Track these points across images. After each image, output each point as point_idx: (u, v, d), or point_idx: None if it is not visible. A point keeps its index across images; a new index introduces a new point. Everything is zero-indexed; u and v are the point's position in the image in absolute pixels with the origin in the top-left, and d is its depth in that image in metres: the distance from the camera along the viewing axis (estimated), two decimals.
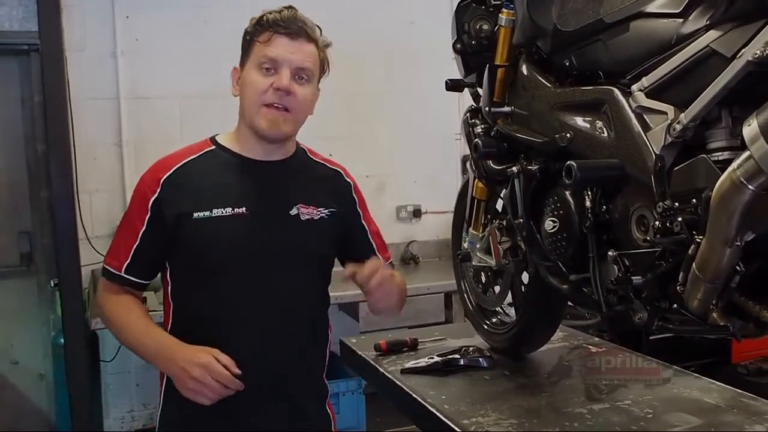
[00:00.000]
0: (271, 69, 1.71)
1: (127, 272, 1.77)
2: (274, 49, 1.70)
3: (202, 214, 1.71)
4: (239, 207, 1.73)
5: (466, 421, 1.84)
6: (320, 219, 1.82)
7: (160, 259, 1.79)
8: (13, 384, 4.29)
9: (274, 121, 1.72)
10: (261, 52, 1.71)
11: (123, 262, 1.76)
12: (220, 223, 1.72)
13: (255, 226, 1.74)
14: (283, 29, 1.71)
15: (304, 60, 1.73)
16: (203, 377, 1.60)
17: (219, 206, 1.72)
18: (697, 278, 1.26)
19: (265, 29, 1.72)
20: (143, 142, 4.29)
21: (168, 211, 1.72)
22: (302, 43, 1.72)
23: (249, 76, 1.73)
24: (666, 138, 1.37)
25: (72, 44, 4.03)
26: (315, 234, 1.81)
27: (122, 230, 1.79)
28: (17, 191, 4.23)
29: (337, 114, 4.61)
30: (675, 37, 1.39)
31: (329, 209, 1.84)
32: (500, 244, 2.10)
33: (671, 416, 1.83)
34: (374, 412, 4.15)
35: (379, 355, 2.41)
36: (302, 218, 1.79)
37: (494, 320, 2.43)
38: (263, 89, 1.71)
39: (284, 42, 1.71)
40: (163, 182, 1.74)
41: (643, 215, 1.45)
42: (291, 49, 1.71)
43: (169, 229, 1.72)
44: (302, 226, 1.79)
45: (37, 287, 4.30)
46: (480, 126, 2.03)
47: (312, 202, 1.82)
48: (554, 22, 1.70)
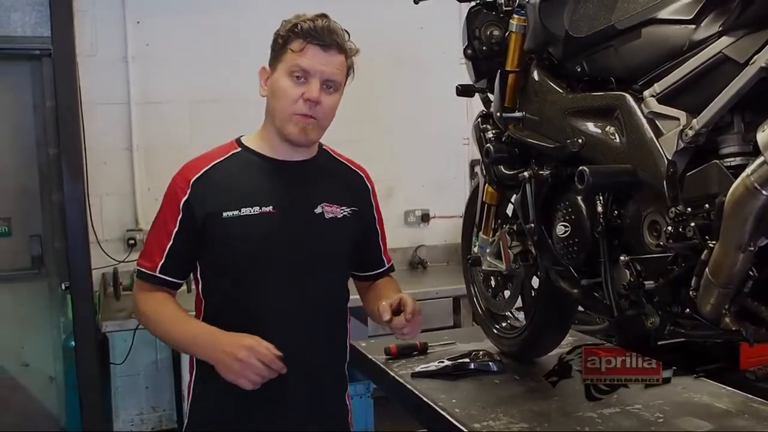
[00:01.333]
0: (302, 78, 1.74)
1: (162, 272, 1.80)
2: (307, 59, 1.74)
3: (231, 214, 1.76)
4: (266, 206, 1.78)
5: (477, 424, 1.85)
6: (343, 217, 1.86)
7: (193, 259, 1.83)
8: (24, 386, 4.30)
9: (303, 129, 1.77)
10: (293, 61, 1.74)
11: (157, 263, 1.80)
12: (249, 221, 1.76)
13: (282, 224, 1.79)
14: (317, 40, 1.74)
15: (334, 72, 1.77)
16: (248, 358, 1.63)
17: (247, 205, 1.77)
18: (710, 283, 1.27)
19: (299, 37, 1.74)
20: (153, 147, 4.31)
21: (198, 212, 1.77)
22: (333, 55, 1.76)
23: (280, 81, 1.76)
24: (678, 143, 1.38)
25: (83, 49, 4.05)
26: (338, 232, 1.86)
27: (155, 232, 1.83)
28: (29, 195, 4.25)
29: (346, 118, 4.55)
30: (687, 44, 1.40)
31: (351, 208, 1.89)
32: (510, 249, 2.11)
33: (682, 421, 1.84)
34: (382, 416, 4.15)
35: (389, 358, 2.42)
36: (326, 216, 1.84)
37: (504, 324, 2.44)
38: (294, 98, 1.75)
39: (317, 53, 1.74)
40: (192, 183, 1.78)
41: (655, 220, 1.46)
42: (323, 61, 1.74)
43: (199, 229, 1.77)
44: (327, 224, 1.84)
45: (48, 290, 4.32)
46: (491, 131, 2.04)
47: (335, 200, 1.86)
48: (566, 28, 1.71)
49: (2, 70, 4.16)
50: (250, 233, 1.76)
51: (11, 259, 4.26)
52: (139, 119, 4.34)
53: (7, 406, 4.26)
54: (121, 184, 4.31)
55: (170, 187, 1.82)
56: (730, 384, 2.10)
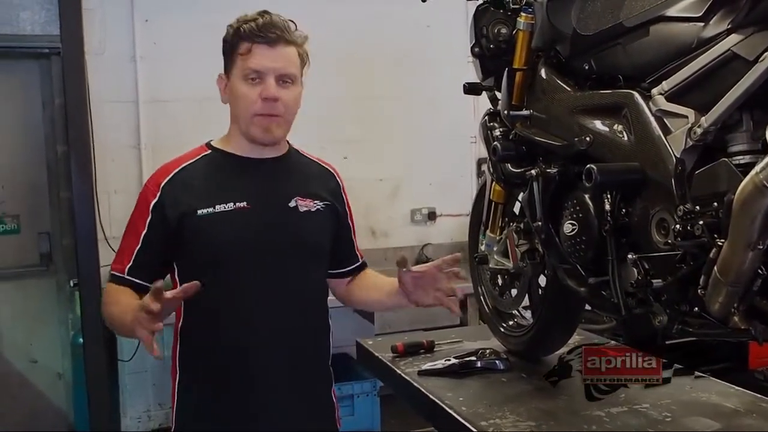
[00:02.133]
0: (257, 78, 1.76)
1: (129, 274, 1.80)
2: (256, 60, 1.75)
3: (205, 211, 1.77)
4: (240, 201, 1.79)
5: (483, 422, 1.85)
6: (317, 211, 1.88)
7: (162, 261, 1.83)
8: (32, 383, 4.32)
9: (267, 128, 1.79)
10: (244, 64, 1.76)
11: (126, 265, 1.80)
12: (224, 217, 1.77)
13: (257, 219, 1.79)
14: (261, 39, 1.74)
15: (286, 66, 1.77)
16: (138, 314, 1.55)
17: (221, 202, 1.78)
18: (719, 281, 1.26)
19: (244, 40, 1.76)
20: (161, 145, 4.31)
21: (171, 213, 1.77)
22: (281, 49, 1.76)
23: (236, 87, 1.78)
24: (686, 141, 1.37)
25: (92, 48, 4.07)
26: (313, 225, 1.87)
27: (126, 234, 1.85)
28: (37, 192, 4.27)
29: (352, 117, 4.63)
30: (696, 41, 1.39)
31: (325, 202, 1.91)
32: (518, 247, 2.11)
33: (690, 420, 1.83)
34: (389, 414, 4.16)
35: (395, 356, 2.42)
36: (301, 210, 1.85)
37: (511, 323, 2.43)
38: (253, 100, 1.76)
39: (264, 51, 1.75)
40: (163, 186, 1.80)
41: (663, 218, 1.45)
42: (272, 58, 1.75)
43: (173, 230, 1.77)
44: (301, 217, 1.85)
45: (57, 287, 4.34)
46: (498, 129, 2.04)
47: (309, 195, 1.88)
48: (573, 26, 1.71)
49: (11, 69, 4.18)
50: (226, 229, 1.77)
51: (20, 256, 4.28)
52: (147, 117, 4.35)
53: (16, 403, 4.28)
54: (129, 181, 4.32)
55: (142, 190, 1.84)
56: (739, 383, 2.09)
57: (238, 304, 1.79)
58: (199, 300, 1.76)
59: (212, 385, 1.80)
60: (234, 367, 1.78)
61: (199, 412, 1.81)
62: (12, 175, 4.23)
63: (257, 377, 1.74)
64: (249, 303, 1.79)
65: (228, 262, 1.78)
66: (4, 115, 4.20)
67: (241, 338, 1.78)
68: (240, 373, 1.78)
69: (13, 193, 4.25)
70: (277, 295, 1.81)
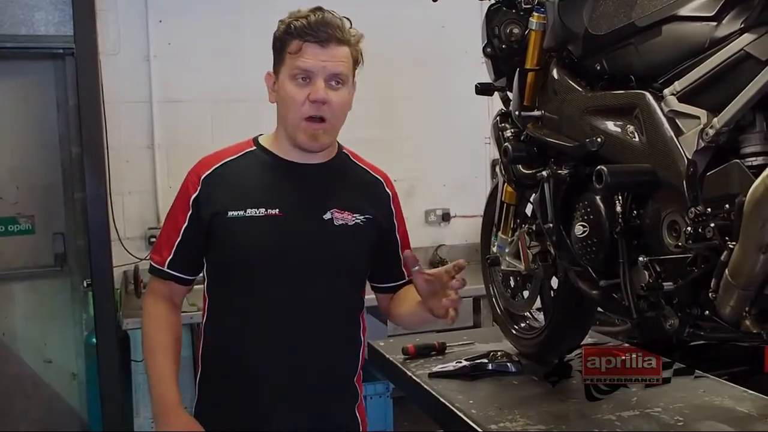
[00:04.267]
0: (306, 79, 1.69)
1: (170, 267, 1.79)
2: (306, 59, 1.68)
3: (236, 213, 1.73)
4: (273, 208, 1.74)
5: (493, 426, 1.84)
6: (355, 225, 1.79)
7: (201, 256, 1.81)
8: (47, 382, 4.34)
9: (313, 135, 1.72)
10: (293, 63, 1.69)
11: (166, 258, 1.79)
12: (253, 223, 1.73)
13: (287, 228, 1.74)
14: (313, 37, 1.67)
15: (337, 66, 1.70)
16: None
17: (253, 206, 1.73)
18: (730, 285, 1.25)
19: (294, 37, 1.69)
20: (175, 145, 4.32)
21: (205, 209, 1.74)
22: (333, 48, 1.69)
23: (285, 87, 1.72)
24: (698, 143, 1.36)
25: (106, 48, 4.08)
26: (348, 239, 1.79)
27: (166, 226, 1.82)
28: (52, 193, 4.29)
29: (367, 118, 4.61)
30: (708, 41, 1.38)
31: (365, 215, 1.81)
32: (529, 249, 2.09)
33: (702, 424, 1.81)
34: (401, 416, 4.14)
35: (407, 358, 2.42)
36: (336, 223, 1.77)
37: (523, 325, 2.42)
38: (301, 101, 1.69)
39: (315, 51, 1.68)
40: (203, 180, 1.76)
41: (674, 221, 1.44)
42: (323, 57, 1.68)
43: (205, 227, 1.75)
44: (335, 231, 1.77)
45: (71, 287, 4.35)
46: (510, 130, 2.03)
47: (348, 207, 1.79)
48: (585, 26, 1.69)
49: (26, 69, 4.21)
50: (253, 235, 1.73)
51: (34, 256, 4.30)
52: (161, 118, 4.36)
53: (31, 402, 4.31)
54: (142, 182, 4.33)
55: (184, 182, 1.80)
56: (753, 388, 2.06)
57: (257, 311, 1.75)
58: (223, 301, 1.80)
59: (227, 390, 1.78)
60: (247, 374, 1.75)
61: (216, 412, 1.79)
62: (27, 176, 4.26)
63: (268, 387, 1.71)
64: (267, 312, 1.74)
65: (251, 269, 1.74)
66: (18, 116, 4.23)
67: (255, 346, 1.73)
68: (251, 381, 1.75)
69: (27, 193, 4.27)
70: (297, 308, 1.75)
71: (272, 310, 1.74)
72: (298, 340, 1.75)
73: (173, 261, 1.79)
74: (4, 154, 4.22)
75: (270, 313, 1.74)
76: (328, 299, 1.78)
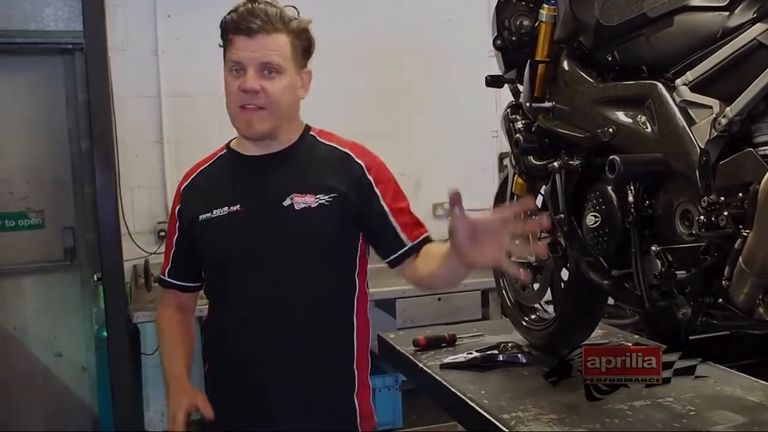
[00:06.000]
0: (240, 70, 1.70)
1: (170, 276, 1.92)
2: (236, 51, 1.69)
3: (205, 216, 1.78)
4: (234, 205, 1.76)
5: (506, 415, 1.84)
6: (319, 205, 1.74)
7: (195, 263, 1.87)
8: (57, 376, 4.38)
9: (248, 122, 1.72)
10: (228, 56, 1.72)
11: (166, 268, 1.92)
12: (219, 222, 1.77)
13: (249, 222, 1.76)
14: (241, 29, 1.69)
15: (266, 54, 1.68)
16: None
17: (217, 206, 1.77)
18: (744, 272, 1.26)
19: (228, 32, 1.72)
20: (184, 140, 4.34)
21: (185, 218, 1.83)
22: (262, 38, 1.68)
23: (225, 80, 1.75)
24: (711, 132, 1.37)
25: (115, 43, 4.09)
26: (314, 222, 1.74)
27: (167, 238, 1.94)
28: (62, 187, 4.32)
29: (373, 112, 4.62)
30: (720, 31, 1.38)
31: (333, 194, 1.76)
32: (540, 240, 2.10)
33: (714, 414, 1.81)
34: (410, 409, 4.16)
35: (417, 350, 2.42)
36: (297, 207, 1.74)
37: (533, 317, 2.42)
38: (234, 92, 1.70)
39: (243, 42, 1.68)
40: (182, 192, 1.86)
41: (687, 210, 1.45)
42: (251, 47, 1.68)
43: (189, 235, 1.83)
44: (296, 216, 1.74)
45: (81, 281, 4.38)
46: (521, 121, 2.03)
47: (309, 189, 1.75)
48: (597, 17, 1.70)
49: (36, 64, 4.23)
50: (220, 234, 1.77)
51: (44, 250, 4.33)
52: (170, 112, 4.38)
53: (41, 395, 4.34)
54: (151, 176, 4.36)
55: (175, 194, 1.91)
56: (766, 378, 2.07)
57: (241, 307, 1.77)
58: (213, 301, 1.87)
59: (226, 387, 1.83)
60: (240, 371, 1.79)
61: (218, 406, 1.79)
62: (36, 170, 4.28)
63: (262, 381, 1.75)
64: (251, 307, 1.76)
65: (227, 267, 1.78)
66: (28, 110, 4.25)
67: (244, 342, 1.77)
68: (245, 376, 1.78)
69: (37, 188, 4.29)
70: (278, 298, 1.75)
71: (253, 304, 1.76)
72: (286, 330, 1.75)
73: (171, 270, 1.91)
74: (14, 149, 4.24)
75: (251, 307, 1.76)
76: (307, 285, 1.76)
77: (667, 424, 1.77)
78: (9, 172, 4.25)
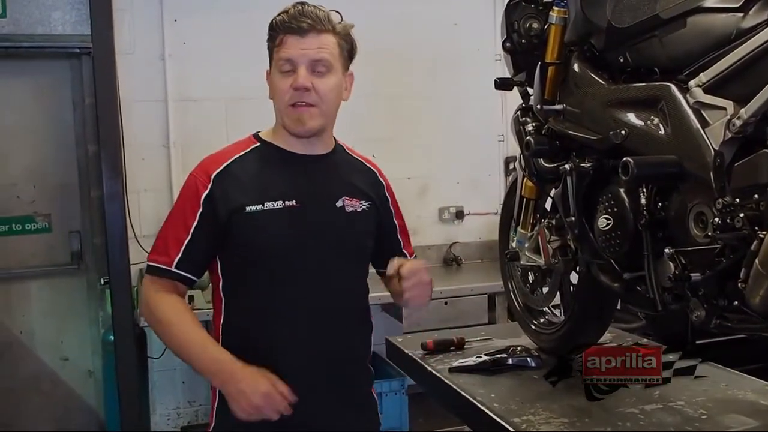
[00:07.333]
0: (290, 70, 1.74)
1: (178, 267, 1.76)
2: (287, 49, 1.73)
3: (254, 208, 1.75)
4: (290, 200, 1.77)
5: (516, 419, 1.84)
6: (362, 211, 1.86)
7: (210, 255, 1.81)
8: (64, 380, 4.37)
9: (299, 119, 1.76)
10: (278, 56, 1.76)
11: (173, 258, 1.76)
12: (272, 215, 1.75)
13: (306, 217, 1.78)
14: (292, 29, 1.73)
15: (318, 52, 1.74)
16: (263, 406, 1.64)
17: (270, 199, 1.76)
18: (760, 274, 1.24)
19: (277, 33, 1.76)
20: (190, 143, 4.33)
21: (221, 207, 1.75)
22: (313, 37, 1.73)
23: (273, 80, 1.78)
24: (725, 133, 1.36)
25: (122, 47, 4.08)
26: (359, 225, 1.86)
27: (171, 226, 1.80)
28: (69, 191, 4.31)
29: (380, 116, 4.62)
30: (734, 32, 1.38)
31: (369, 202, 1.88)
32: (549, 243, 2.09)
33: (726, 417, 1.81)
34: (417, 413, 4.15)
35: (426, 353, 2.42)
36: (347, 210, 1.84)
37: (542, 320, 2.42)
38: (285, 90, 1.75)
39: (294, 40, 1.73)
40: (214, 178, 1.76)
41: (701, 212, 1.44)
42: (302, 46, 1.73)
43: (222, 225, 1.75)
44: (348, 218, 1.83)
45: (87, 285, 4.37)
46: (531, 124, 2.03)
47: (355, 194, 1.86)
48: (608, 18, 1.69)
49: (43, 68, 4.23)
50: (274, 227, 1.75)
51: (51, 254, 4.32)
52: (176, 116, 4.37)
53: (48, 399, 4.33)
54: (158, 180, 4.35)
55: (189, 181, 1.79)
56: None
57: (282, 302, 1.77)
58: (242, 299, 1.81)
59: None
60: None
61: None
62: (43, 174, 4.28)
63: (297, 377, 1.71)
64: (292, 302, 1.77)
65: (275, 261, 1.77)
66: (36, 114, 4.25)
67: (281, 337, 1.76)
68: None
69: (44, 192, 4.29)
70: (322, 295, 1.79)
71: (297, 298, 1.77)
72: (324, 325, 1.79)
73: (182, 261, 1.76)
74: (21, 153, 4.24)
75: (295, 302, 1.77)
76: (347, 284, 1.86)
77: (679, 427, 1.76)
78: (16, 176, 4.24)
